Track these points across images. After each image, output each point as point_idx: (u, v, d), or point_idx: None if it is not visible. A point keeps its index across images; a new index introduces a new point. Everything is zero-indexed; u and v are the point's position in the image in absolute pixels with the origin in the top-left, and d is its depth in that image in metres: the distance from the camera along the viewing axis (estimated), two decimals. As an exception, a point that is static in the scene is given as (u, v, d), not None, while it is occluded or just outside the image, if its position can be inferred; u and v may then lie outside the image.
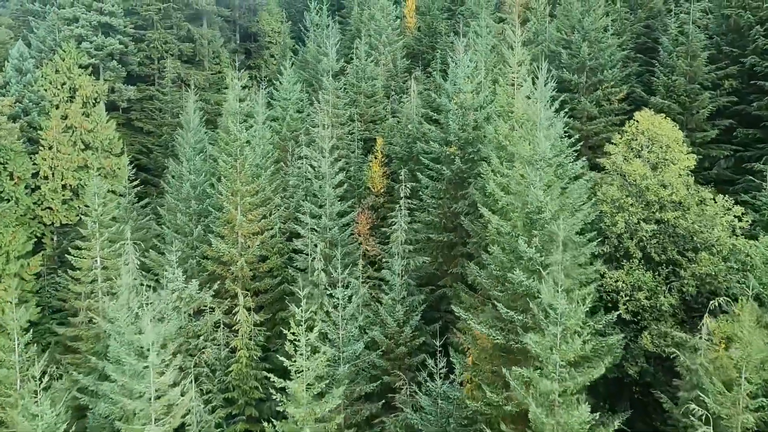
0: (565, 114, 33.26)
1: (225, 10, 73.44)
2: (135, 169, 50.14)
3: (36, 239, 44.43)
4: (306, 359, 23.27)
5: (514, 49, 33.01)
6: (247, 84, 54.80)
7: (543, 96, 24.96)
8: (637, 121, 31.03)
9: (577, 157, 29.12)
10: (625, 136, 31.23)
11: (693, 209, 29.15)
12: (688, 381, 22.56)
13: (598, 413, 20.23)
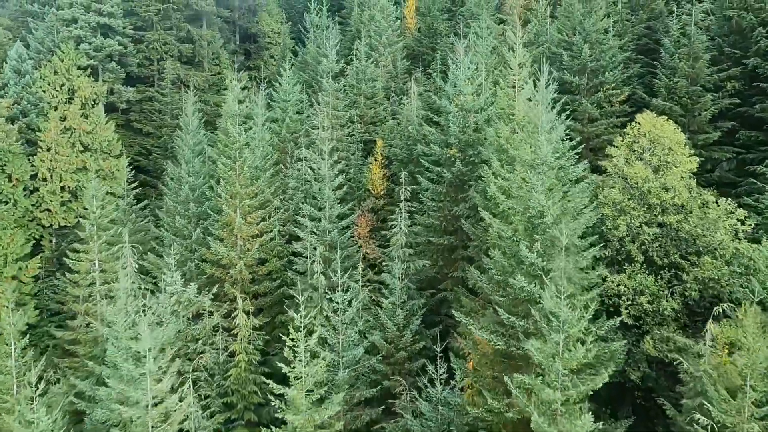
0: (567, 117, 33.09)
1: (225, 11, 73.18)
2: (134, 171, 49.92)
3: (34, 241, 44.22)
4: (305, 365, 23.02)
5: (515, 51, 32.74)
6: (247, 85, 54.58)
7: (544, 98, 24.74)
8: (639, 124, 30.80)
9: (579, 160, 28.90)
10: (627, 138, 31.00)
11: (695, 212, 28.93)
12: (691, 388, 22.32)
13: (601, 423, 19.98)
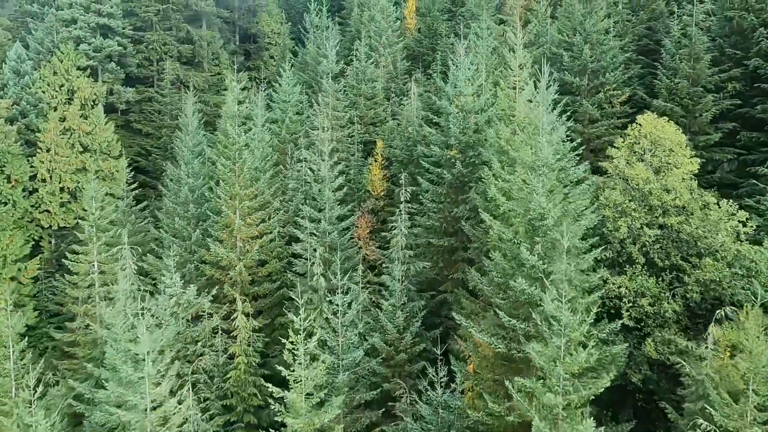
0: (567, 118, 32.96)
1: (224, 11, 73.06)
2: (133, 172, 49.85)
3: (34, 242, 44.17)
4: (305, 369, 22.88)
5: (515, 52, 32.60)
6: (247, 86, 54.41)
7: (545, 100, 24.60)
8: (640, 125, 30.66)
9: (579, 161, 28.78)
10: (628, 139, 30.86)
11: (696, 214, 28.79)
12: (694, 392, 22.19)
13: (603, 428, 19.86)
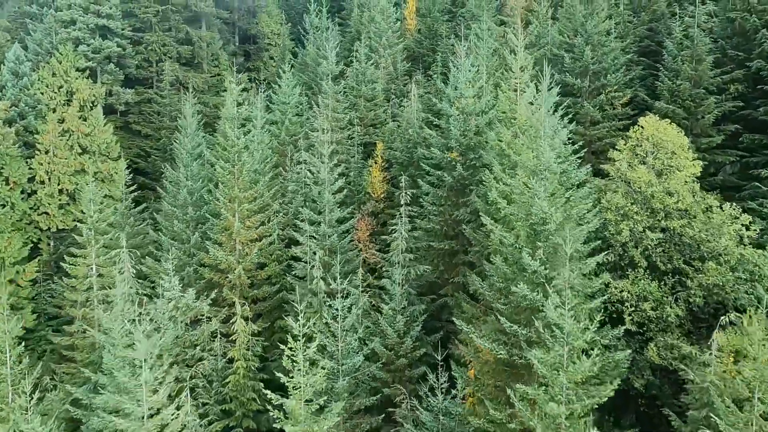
0: (569, 120, 32.72)
1: (224, 12, 72.89)
2: (132, 174, 49.60)
3: (32, 245, 43.92)
4: (304, 375, 22.63)
5: (516, 54, 32.35)
6: (246, 87, 54.17)
7: (546, 102, 24.36)
8: (642, 127, 30.44)
9: (581, 164, 28.54)
10: (630, 142, 30.64)
11: (699, 217, 28.55)
12: (698, 399, 21.95)
13: (606, 434, 19.65)
